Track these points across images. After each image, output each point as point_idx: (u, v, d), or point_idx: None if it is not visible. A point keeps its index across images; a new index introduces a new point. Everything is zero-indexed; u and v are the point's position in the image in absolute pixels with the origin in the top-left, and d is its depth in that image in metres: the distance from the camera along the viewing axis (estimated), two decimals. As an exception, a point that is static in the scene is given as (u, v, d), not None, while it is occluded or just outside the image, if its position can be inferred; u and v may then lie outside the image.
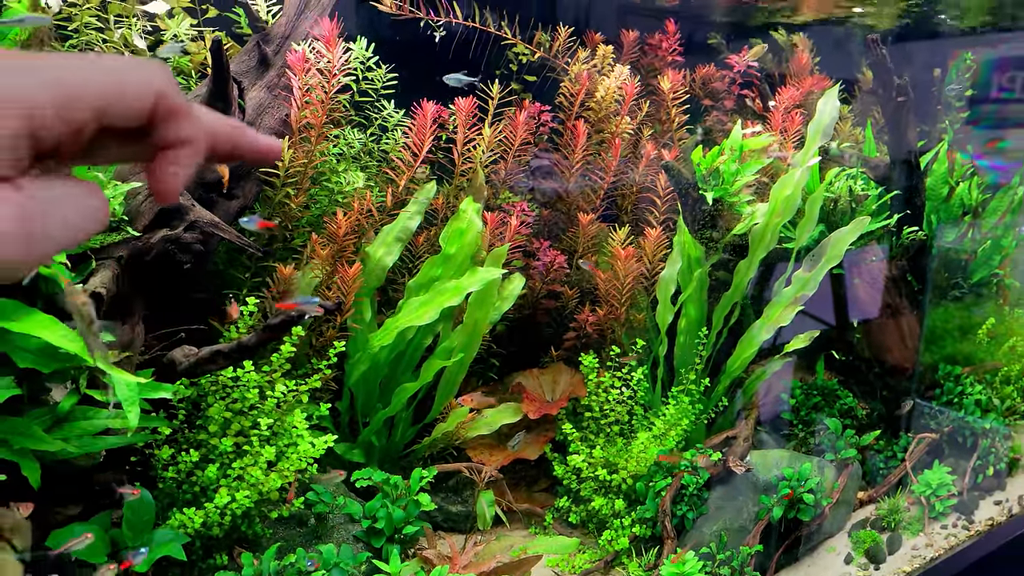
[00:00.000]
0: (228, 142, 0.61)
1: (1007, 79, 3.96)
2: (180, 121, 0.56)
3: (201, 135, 0.57)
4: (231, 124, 0.61)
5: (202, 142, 0.57)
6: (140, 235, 1.87)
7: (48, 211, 0.50)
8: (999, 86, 3.99)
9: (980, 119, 3.94)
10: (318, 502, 2.17)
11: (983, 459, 3.04)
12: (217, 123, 0.60)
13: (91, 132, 0.51)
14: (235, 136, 0.61)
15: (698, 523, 2.40)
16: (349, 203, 2.33)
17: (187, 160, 0.56)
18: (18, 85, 0.47)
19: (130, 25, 2.19)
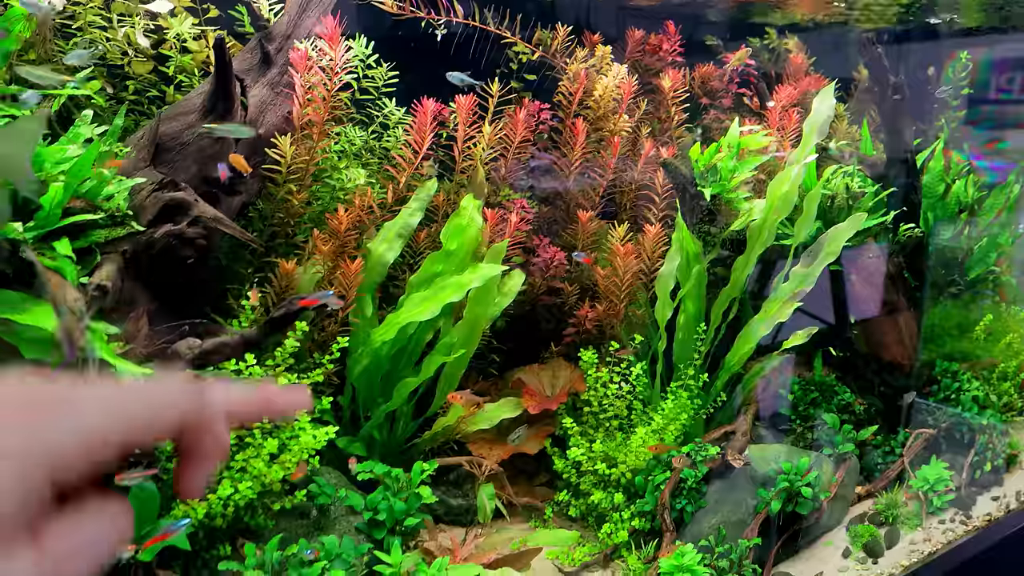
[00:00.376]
0: (252, 412, 0.61)
1: (1006, 80, 3.98)
2: (204, 432, 0.56)
3: (223, 430, 0.57)
4: (251, 392, 0.61)
5: (225, 434, 0.57)
6: (144, 230, 1.90)
7: (70, 557, 0.50)
8: (998, 87, 4.01)
9: (980, 120, 3.96)
10: (320, 494, 2.19)
11: (980, 455, 3.06)
12: (238, 396, 0.59)
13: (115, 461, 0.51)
14: (258, 402, 0.61)
15: (697, 516, 2.42)
16: (351, 200, 2.36)
17: (211, 460, 0.56)
18: (45, 432, 0.47)
19: (133, 24, 2.22)
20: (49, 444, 0.47)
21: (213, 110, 2.04)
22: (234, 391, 0.59)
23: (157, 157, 2.00)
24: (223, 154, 2.07)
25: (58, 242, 1.70)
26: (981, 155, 3.74)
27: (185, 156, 1.99)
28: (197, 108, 2.05)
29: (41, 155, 1.73)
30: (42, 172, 1.74)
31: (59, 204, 1.70)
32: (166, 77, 2.27)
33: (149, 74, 2.24)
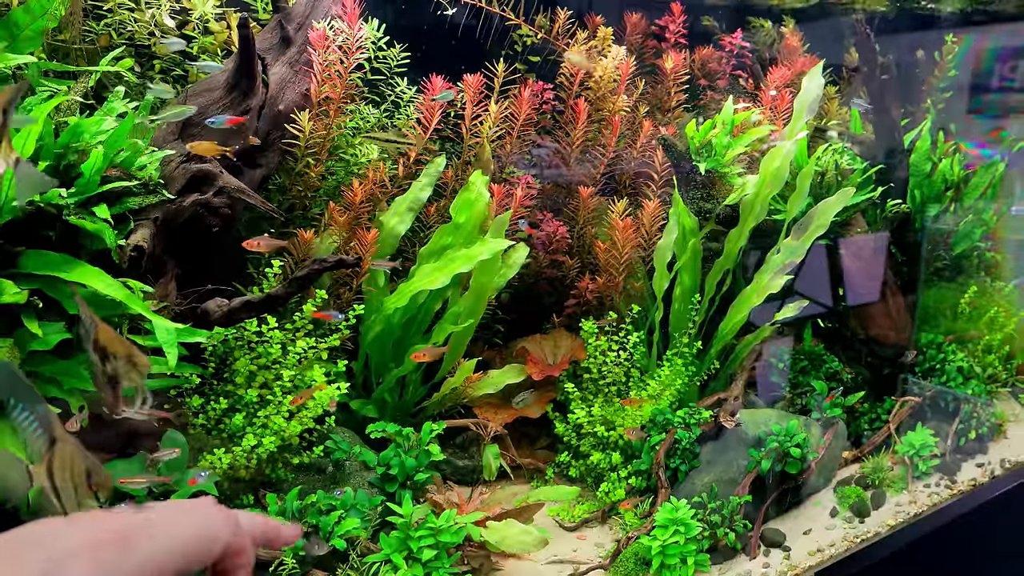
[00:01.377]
0: (263, 540, 0.72)
1: (1009, 68, 4.08)
2: (239, 557, 0.67)
3: (251, 553, 0.69)
4: (264, 521, 0.73)
5: (252, 556, 0.69)
6: (174, 198, 2.03)
7: None
8: (1001, 75, 4.11)
9: (983, 109, 4.07)
10: (336, 450, 2.34)
11: (965, 423, 3.19)
12: (255, 527, 0.71)
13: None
14: (268, 533, 0.73)
15: (691, 475, 2.55)
16: (364, 174, 2.49)
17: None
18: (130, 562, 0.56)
19: (159, 6, 2.34)
20: (140, 564, 0.56)
21: (236, 87, 2.17)
22: (256, 520, 0.71)
23: (185, 131, 2.13)
24: (246, 128, 2.20)
25: (97, 207, 1.84)
26: (985, 143, 3.86)
27: (211, 130, 2.11)
28: (221, 85, 2.17)
29: (80, 126, 1.86)
30: (81, 142, 1.87)
31: (98, 171, 1.83)
32: (189, 56, 2.39)
33: (174, 53, 2.36)
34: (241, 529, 0.68)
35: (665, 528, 2.28)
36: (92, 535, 0.56)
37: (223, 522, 0.65)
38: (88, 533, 0.56)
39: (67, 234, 1.84)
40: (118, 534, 0.57)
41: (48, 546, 0.55)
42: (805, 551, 2.52)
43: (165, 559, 0.58)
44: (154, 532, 0.58)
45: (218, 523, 0.64)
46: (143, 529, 0.58)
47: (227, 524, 0.65)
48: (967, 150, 3.73)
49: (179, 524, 0.61)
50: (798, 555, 2.50)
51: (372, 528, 2.22)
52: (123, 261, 1.83)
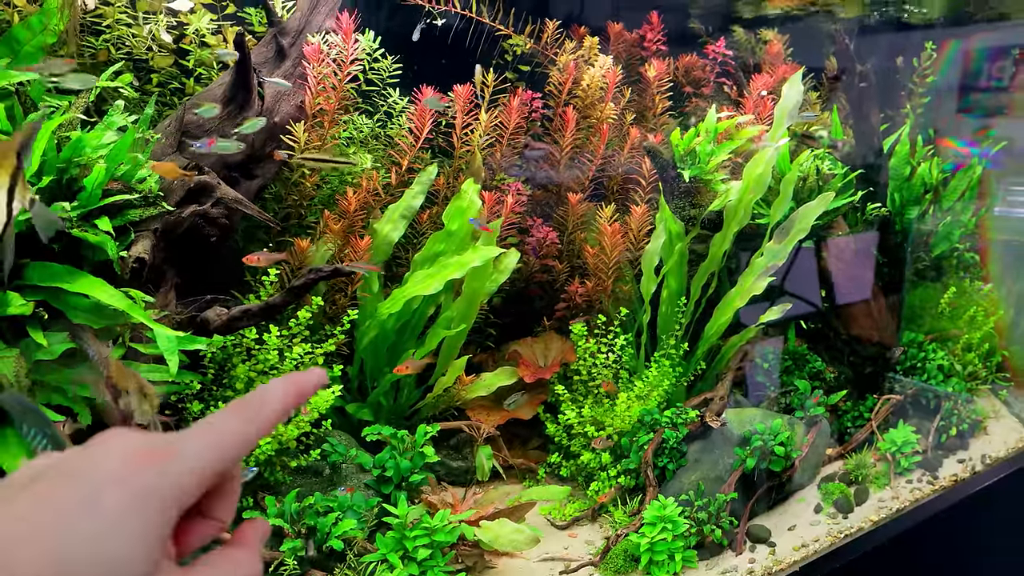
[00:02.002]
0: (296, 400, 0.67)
1: (997, 68, 4.17)
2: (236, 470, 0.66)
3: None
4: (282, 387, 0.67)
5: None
6: (173, 209, 2.09)
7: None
8: (989, 75, 4.20)
9: (972, 108, 4.15)
10: (333, 453, 2.40)
11: (946, 420, 3.27)
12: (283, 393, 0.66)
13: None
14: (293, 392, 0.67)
15: (678, 474, 2.62)
16: (358, 183, 2.55)
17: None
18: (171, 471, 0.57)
19: (156, 21, 2.40)
20: (184, 470, 0.58)
21: (233, 100, 2.23)
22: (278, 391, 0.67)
23: (183, 143, 2.19)
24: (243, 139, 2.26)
25: (99, 220, 1.89)
26: (974, 142, 3.94)
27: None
28: (219, 98, 2.23)
29: (82, 141, 1.91)
30: (83, 156, 1.92)
31: (100, 185, 1.89)
32: (186, 70, 2.45)
33: (171, 67, 2.42)
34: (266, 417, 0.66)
35: (653, 525, 2.35)
36: (122, 460, 0.57)
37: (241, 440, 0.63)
38: (118, 459, 0.58)
39: (70, 246, 1.90)
40: (148, 455, 0.58)
41: (83, 474, 0.56)
42: (790, 546, 2.59)
43: (194, 474, 0.59)
44: (180, 449, 0.59)
45: (233, 432, 0.63)
46: (170, 446, 0.59)
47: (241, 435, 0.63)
48: (957, 148, 3.82)
49: (200, 440, 0.61)
50: (783, 550, 2.57)
51: (368, 529, 2.28)
52: (125, 272, 1.89)
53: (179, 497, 0.58)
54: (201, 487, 0.60)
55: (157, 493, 0.56)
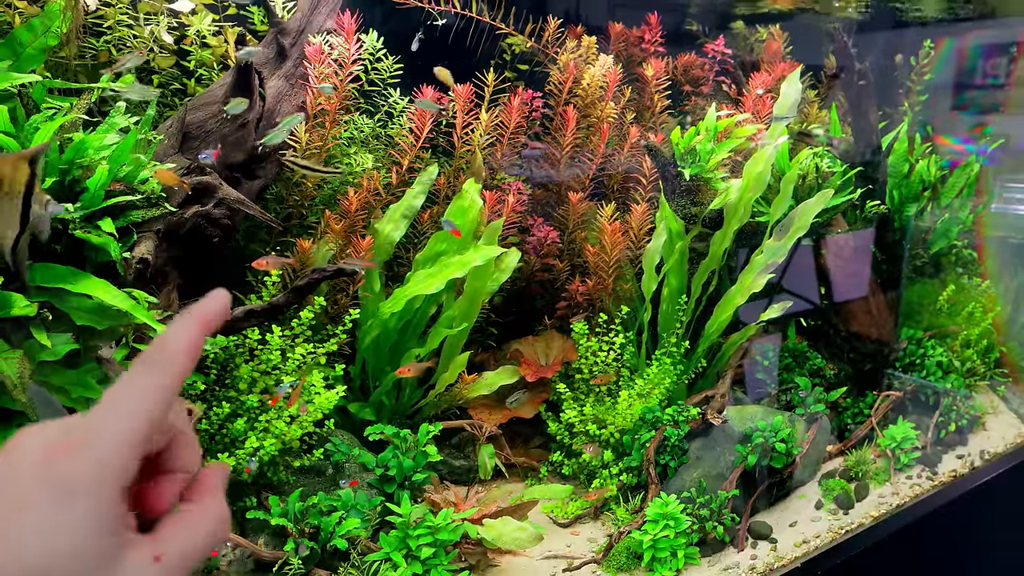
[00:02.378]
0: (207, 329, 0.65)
1: (991, 65, 4.19)
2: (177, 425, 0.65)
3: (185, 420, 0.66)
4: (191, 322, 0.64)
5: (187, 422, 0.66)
6: (175, 210, 2.09)
7: (186, 550, 0.59)
8: (984, 72, 4.22)
9: (968, 105, 4.18)
10: (336, 452, 2.40)
11: (945, 416, 3.29)
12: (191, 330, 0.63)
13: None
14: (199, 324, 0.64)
15: (679, 471, 2.64)
16: (359, 183, 2.55)
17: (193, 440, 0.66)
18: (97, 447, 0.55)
19: (157, 22, 2.40)
20: (103, 448, 0.56)
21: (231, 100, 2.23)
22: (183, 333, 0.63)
23: (184, 144, 2.19)
24: (244, 141, 2.26)
25: (102, 221, 1.90)
26: (969, 139, 3.96)
27: (210, 143, 2.18)
28: (220, 99, 2.24)
29: (84, 142, 1.91)
30: (85, 158, 1.92)
31: (102, 186, 1.89)
32: (187, 71, 2.45)
33: (171, 68, 2.42)
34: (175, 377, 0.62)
35: (656, 523, 2.36)
36: (40, 458, 0.56)
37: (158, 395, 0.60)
38: (35, 458, 0.56)
39: (73, 247, 1.90)
40: (63, 446, 0.56)
41: (4, 482, 0.55)
42: (791, 543, 2.60)
43: (120, 447, 0.56)
44: (96, 429, 0.57)
45: (147, 388, 0.60)
46: (86, 430, 0.57)
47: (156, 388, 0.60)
48: (953, 146, 3.84)
49: (115, 411, 0.58)
50: (784, 547, 2.58)
51: (372, 528, 2.29)
52: (128, 273, 1.89)
53: (112, 474, 0.56)
54: (135, 455, 0.57)
55: (85, 479, 0.55)
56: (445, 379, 2.68)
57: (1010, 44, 4.18)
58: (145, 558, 0.57)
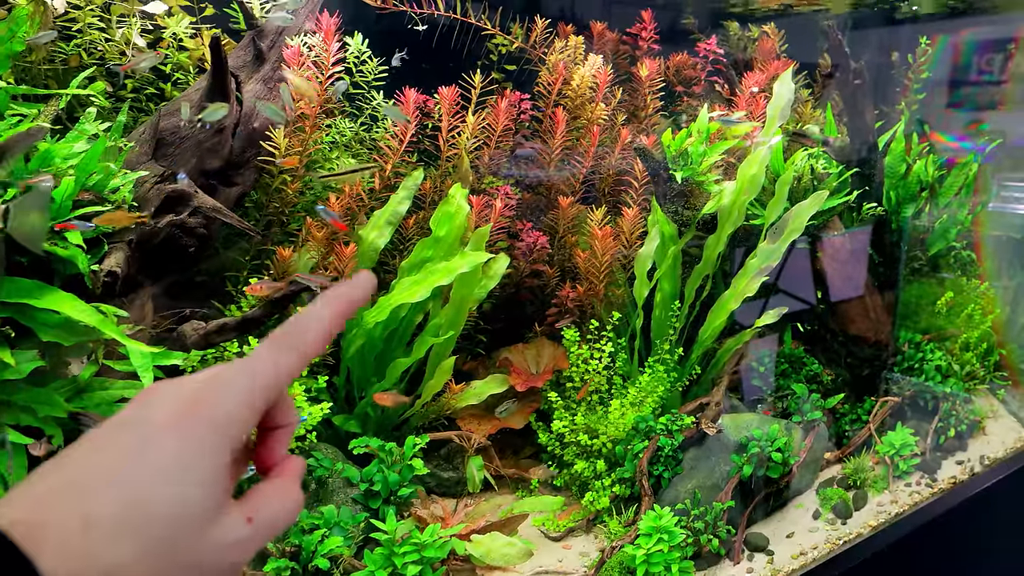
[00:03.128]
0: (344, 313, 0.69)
1: (986, 62, 4.13)
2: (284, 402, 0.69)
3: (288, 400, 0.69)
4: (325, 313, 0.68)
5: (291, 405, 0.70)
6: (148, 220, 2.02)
7: (273, 519, 0.63)
8: (979, 69, 4.16)
9: (963, 102, 4.12)
10: (319, 467, 2.33)
11: (944, 421, 3.22)
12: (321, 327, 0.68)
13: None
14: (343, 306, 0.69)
15: (674, 482, 2.57)
16: (341, 188, 2.48)
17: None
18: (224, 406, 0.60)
19: (130, 24, 2.32)
20: (231, 413, 0.60)
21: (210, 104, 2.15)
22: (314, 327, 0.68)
23: (158, 151, 2.12)
24: (220, 147, 2.19)
25: (69, 232, 1.82)
26: (965, 136, 3.91)
27: (185, 150, 2.10)
28: (195, 103, 2.16)
29: (51, 151, 1.84)
30: (52, 167, 1.85)
31: (70, 197, 1.82)
32: (163, 74, 2.38)
33: (147, 72, 2.35)
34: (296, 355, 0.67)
35: (649, 536, 2.29)
36: (171, 411, 0.59)
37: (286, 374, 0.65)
38: (166, 411, 0.59)
39: (39, 260, 1.83)
40: (193, 404, 0.60)
41: (137, 423, 0.59)
42: (788, 554, 2.54)
43: (241, 415, 0.61)
44: (224, 393, 0.61)
45: (277, 364, 0.64)
46: (214, 392, 0.61)
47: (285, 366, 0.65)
48: (948, 143, 3.78)
49: (244, 379, 0.62)
50: (781, 559, 2.51)
51: (356, 545, 2.21)
52: (96, 286, 1.82)
53: (232, 437, 0.60)
54: (252, 421, 0.62)
55: (209, 436, 0.58)
56: (431, 387, 2.61)
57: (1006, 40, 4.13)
58: (240, 517, 0.60)
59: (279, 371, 0.64)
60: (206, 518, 0.57)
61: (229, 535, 0.59)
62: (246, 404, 0.61)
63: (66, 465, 0.56)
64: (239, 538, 0.59)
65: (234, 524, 0.59)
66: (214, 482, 0.58)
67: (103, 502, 0.53)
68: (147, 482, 0.55)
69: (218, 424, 0.59)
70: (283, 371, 0.64)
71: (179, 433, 0.58)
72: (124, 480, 0.55)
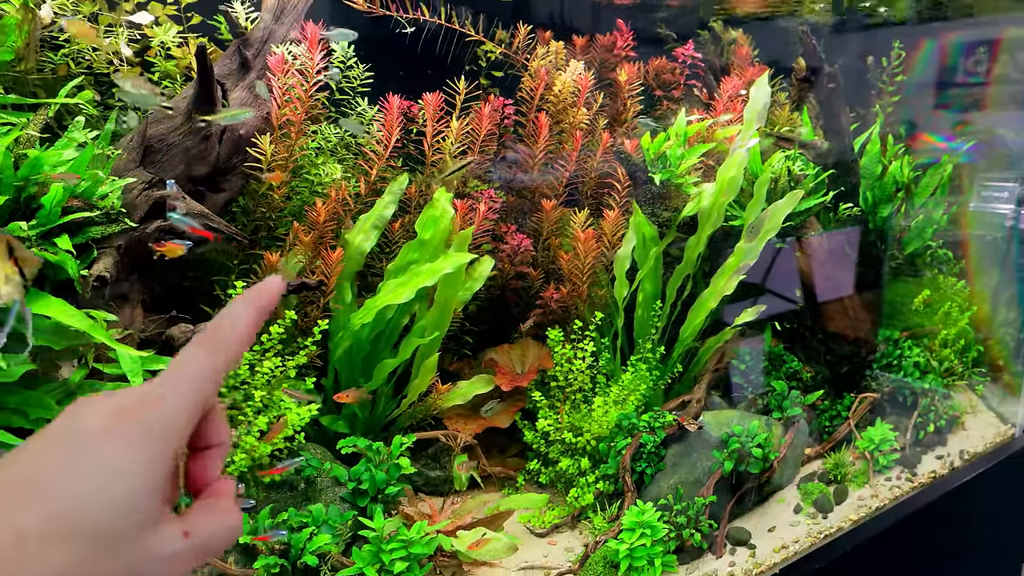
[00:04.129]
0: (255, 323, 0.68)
1: (972, 63, 4.21)
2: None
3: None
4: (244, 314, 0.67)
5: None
6: (137, 226, 2.06)
7: (213, 535, 0.62)
8: (965, 70, 4.24)
9: (951, 103, 4.20)
10: (307, 467, 2.37)
11: (923, 417, 3.29)
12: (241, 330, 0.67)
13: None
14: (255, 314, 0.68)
15: (656, 478, 2.62)
16: (328, 193, 2.53)
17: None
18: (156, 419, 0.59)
19: (117, 35, 2.37)
20: (167, 418, 0.60)
21: (197, 111, 2.20)
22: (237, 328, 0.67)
23: (146, 158, 2.16)
24: (207, 153, 2.23)
25: (59, 238, 1.86)
26: (953, 136, 3.98)
27: (172, 156, 2.15)
28: (182, 111, 2.21)
29: (40, 159, 1.88)
30: (41, 175, 1.89)
31: (59, 203, 1.86)
32: (151, 82, 2.42)
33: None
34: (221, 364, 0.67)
35: (632, 531, 2.34)
36: (103, 420, 0.58)
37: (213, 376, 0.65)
38: (98, 419, 0.58)
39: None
40: (125, 411, 0.59)
41: (69, 433, 0.58)
42: (770, 548, 2.59)
43: (177, 420, 0.60)
44: (156, 399, 0.60)
45: (204, 367, 0.64)
46: (146, 399, 0.60)
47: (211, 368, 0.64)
48: (937, 144, 3.86)
49: (174, 385, 0.62)
50: (763, 552, 2.57)
51: (344, 542, 2.26)
52: (86, 291, 1.86)
53: (169, 445, 0.59)
54: (188, 428, 0.62)
55: (145, 441, 0.58)
56: (417, 387, 2.66)
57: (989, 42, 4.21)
58: (177, 531, 0.59)
59: (209, 374, 0.64)
60: (142, 526, 0.56)
61: (166, 547, 0.58)
62: (182, 409, 0.61)
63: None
64: (176, 552, 0.59)
65: (171, 536, 0.59)
66: (151, 490, 0.57)
67: (35, 514, 0.53)
68: (80, 490, 0.54)
69: (153, 431, 0.59)
70: (213, 373, 0.64)
71: (113, 440, 0.57)
72: (56, 490, 0.54)
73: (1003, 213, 4.06)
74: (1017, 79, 4.18)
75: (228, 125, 2.23)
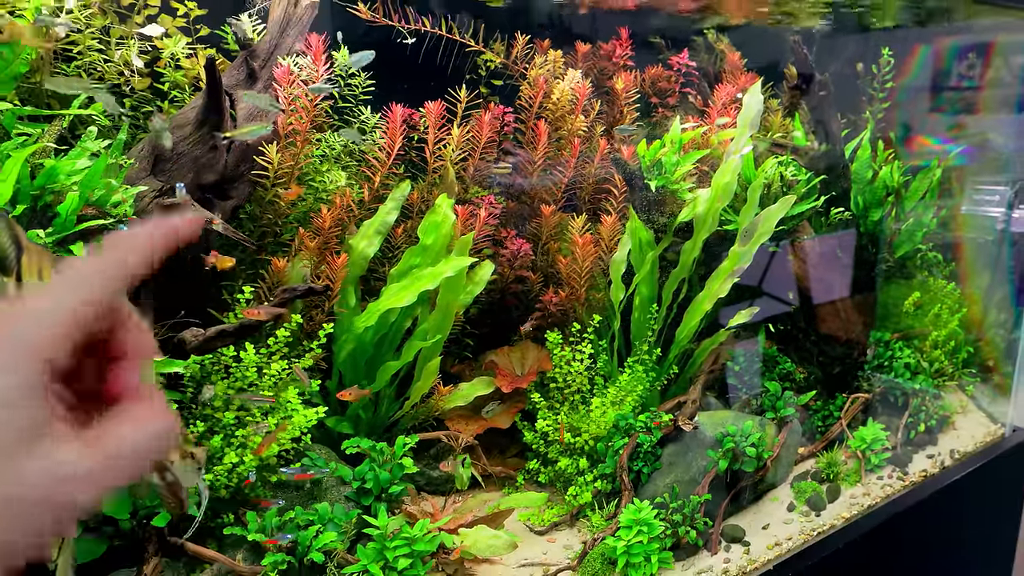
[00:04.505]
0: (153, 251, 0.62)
1: (966, 67, 4.29)
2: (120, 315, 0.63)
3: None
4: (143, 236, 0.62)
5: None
6: (148, 232, 2.12)
7: (123, 453, 0.54)
8: (959, 74, 4.32)
9: (946, 106, 4.28)
10: (312, 467, 2.43)
11: (914, 417, 3.36)
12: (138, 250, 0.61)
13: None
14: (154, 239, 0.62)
15: (652, 477, 2.69)
16: (332, 200, 2.60)
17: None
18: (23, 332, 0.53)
19: (129, 47, 2.43)
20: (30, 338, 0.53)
21: (205, 122, 2.27)
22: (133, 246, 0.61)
23: (156, 167, 2.23)
24: (215, 162, 2.30)
25: (74, 245, 1.93)
26: (949, 139, 4.06)
27: (182, 165, 2.21)
28: (191, 121, 2.27)
29: (56, 168, 1.95)
30: (57, 183, 1.96)
31: (74, 211, 1.93)
32: (161, 93, 2.49)
33: (144, 91, 2.46)
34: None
35: (629, 528, 2.41)
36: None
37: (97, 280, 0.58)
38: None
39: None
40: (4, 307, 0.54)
41: None
42: (764, 545, 2.66)
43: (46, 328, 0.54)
44: (27, 309, 0.54)
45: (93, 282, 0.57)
46: (13, 311, 0.54)
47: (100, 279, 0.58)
48: (934, 147, 3.93)
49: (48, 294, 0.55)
50: (757, 549, 2.63)
51: (349, 540, 2.32)
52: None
53: (42, 350, 0.53)
54: (73, 336, 0.55)
55: (8, 354, 0.52)
56: (419, 388, 2.72)
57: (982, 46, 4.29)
58: (76, 446, 0.53)
59: (91, 277, 0.57)
60: (16, 443, 0.50)
61: (62, 467, 0.51)
62: (60, 320, 0.54)
63: None
64: (78, 470, 0.52)
65: (67, 453, 0.52)
66: (20, 403, 0.51)
67: None
68: None
69: (19, 340, 0.52)
70: (100, 273, 0.58)
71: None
72: None
73: (994, 216, 4.14)
74: (1009, 83, 4.26)
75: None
